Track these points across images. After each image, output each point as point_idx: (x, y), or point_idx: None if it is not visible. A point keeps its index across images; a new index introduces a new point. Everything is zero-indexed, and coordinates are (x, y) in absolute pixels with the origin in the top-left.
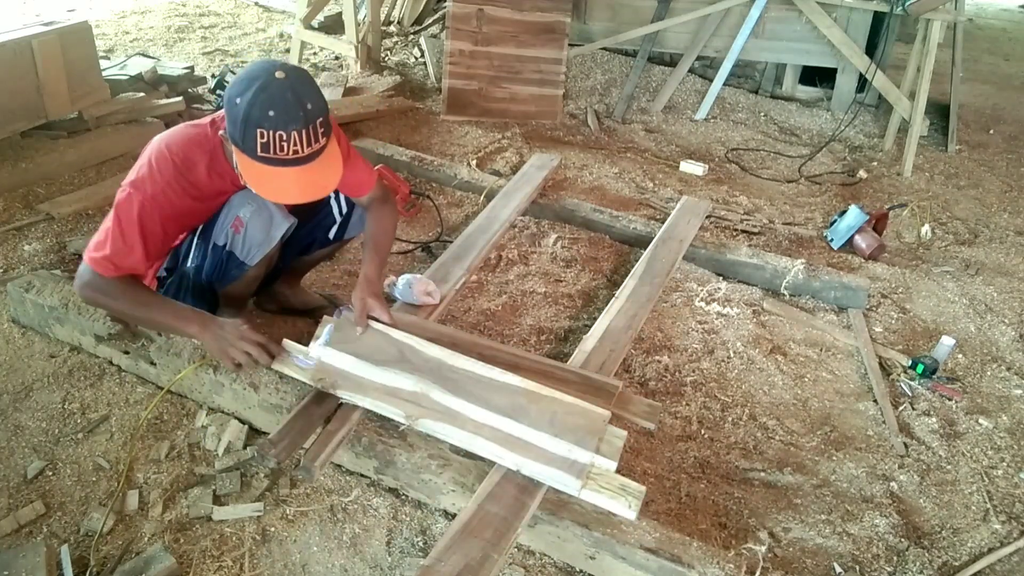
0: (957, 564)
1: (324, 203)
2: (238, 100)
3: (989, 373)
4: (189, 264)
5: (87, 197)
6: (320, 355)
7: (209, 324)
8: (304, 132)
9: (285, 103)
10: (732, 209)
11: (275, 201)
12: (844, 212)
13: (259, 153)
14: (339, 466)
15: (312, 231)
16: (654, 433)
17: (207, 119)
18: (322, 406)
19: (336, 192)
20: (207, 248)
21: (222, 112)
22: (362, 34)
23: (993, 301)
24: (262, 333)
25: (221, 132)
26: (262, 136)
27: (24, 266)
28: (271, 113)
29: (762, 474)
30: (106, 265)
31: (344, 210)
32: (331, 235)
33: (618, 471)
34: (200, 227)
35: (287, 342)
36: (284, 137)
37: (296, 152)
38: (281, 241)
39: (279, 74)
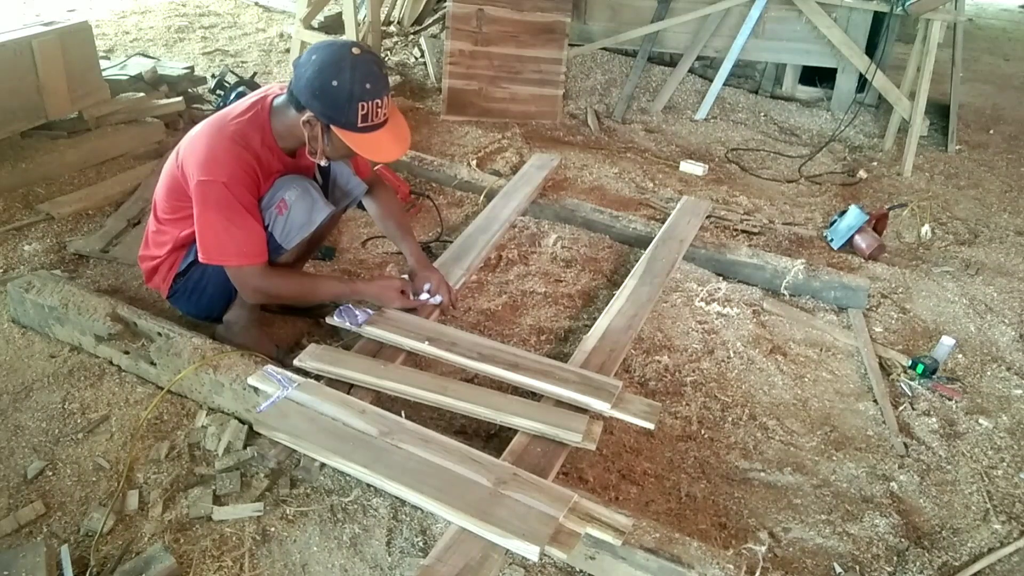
0: (957, 564)
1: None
2: (334, 83)
3: (989, 373)
4: None
5: (87, 197)
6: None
7: (370, 280)
8: (388, 96)
9: (375, 75)
10: (732, 209)
11: (381, 160)
12: (844, 212)
13: (360, 125)
14: None
15: None
16: (654, 433)
17: (237, 108)
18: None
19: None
20: None
21: (257, 97)
22: (362, 34)
23: (993, 301)
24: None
25: (280, 101)
26: (363, 108)
27: (24, 266)
28: (368, 86)
29: (762, 474)
30: (254, 258)
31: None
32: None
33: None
34: None
35: (270, 368)
36: (379, 104)
37: (384, 116)
38: (319, 227)
39: (355, 51)
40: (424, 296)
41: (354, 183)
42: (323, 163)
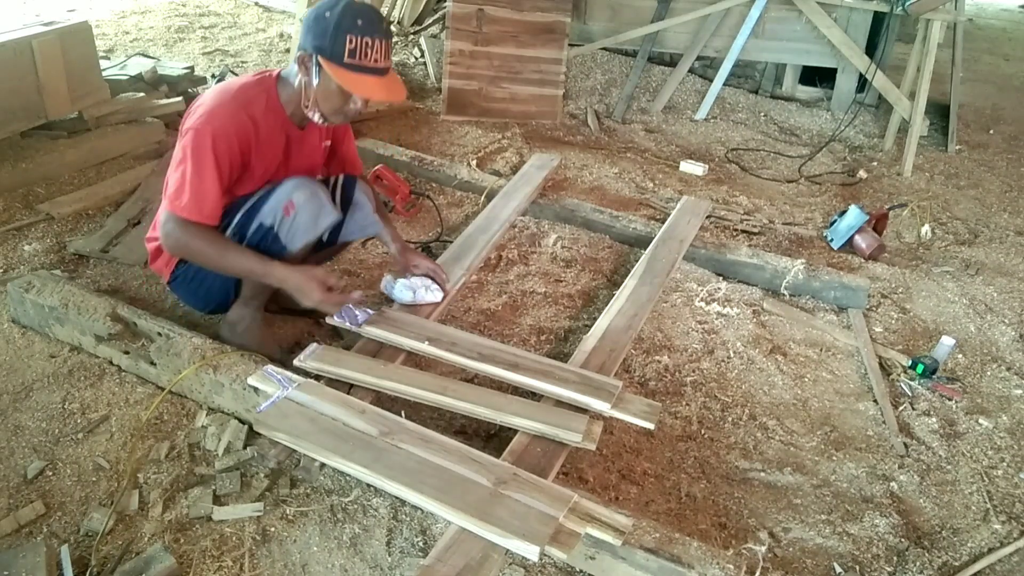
0: (957, 564)
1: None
2: (327, 14)
3: (989, 373)
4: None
5: (87, 197)
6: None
7: (292, 268)
8: (384, 43)
9: (369, 15)
10: (732, 209)
11: (363, 95)
12: (844, 212)
13: (346, 59)
14: None
15: None
16: (654, 433)
17: (244, 76)
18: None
19: (334, 195)
20: (250, 227)
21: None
22: None
23: (993, 301)
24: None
25: (288, 68)
26: (351, 42)
27: (24, 266)
28: (359, 22)
29: (762, 474)
30: (190, 210)
31: (340, 214)
32: (327, 237)
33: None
34: (243, 207)
35: (270, 368)
36: (369, 44)
37: (376, 62)
38: (323, 234)
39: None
40: (421, 294)
41: (371, 221)
42: (316, 118)
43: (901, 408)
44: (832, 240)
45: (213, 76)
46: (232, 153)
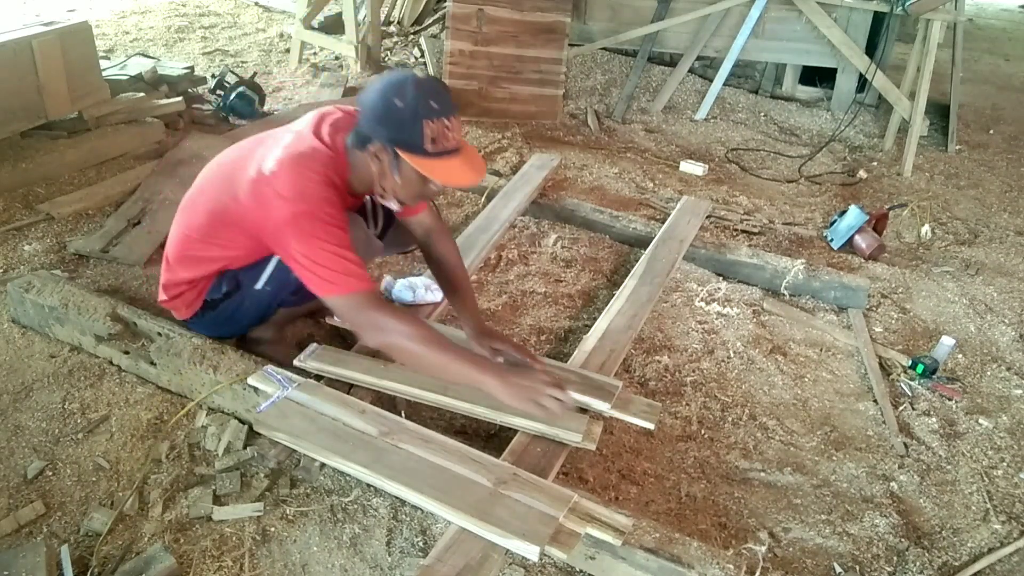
0: (957, 564)
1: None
2: (398, 102)
3: (989, 373)
4: (260, 286)
5: (87, 197)
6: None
7: (506, 375)
8: (457, 118)
9: (439, 92)
10: (732, 209)
11: (455, 184)
12: (844, 212)
13: (427, 147)
14: None
15: None
16: (654, 433)
17: (295, 135)
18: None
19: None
20: (292, 274)
21: (326, 129)
22: (362, 34)
23: (993, 301)
24: (549, 375)
25: (349, 142)
26: (429, 128)
27: (24, 266)
28: (433, 104)
29: (762, 474)
30: (357, 283)
31: (382, 243)
32: None
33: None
34: (277, 258)
35: (270, 368)
36: (447, 125)
37: (455, 140)
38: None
39: (419, 72)
40: (421, 294)
41: (408, 236)
42: (394, 206)
43: (901, 408)
44: (832, 240)
45: (213, 76)
46: (342, 215)
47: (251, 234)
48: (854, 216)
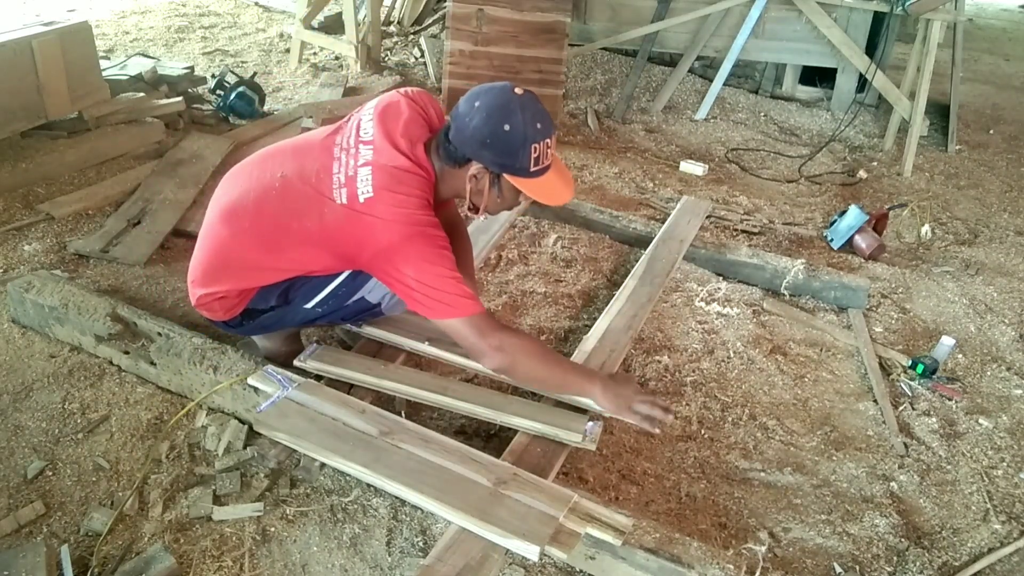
0: (957, 564)
1: None
2: (506, 127)
3: (989, 373)
4: (312, 305)
5: (87, 197)
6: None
7: (608, 384)
8: (555, 136)
9: (543, 113)
10: (732, 209)
11: (555, 203)
12: (844, 212)
13: (532, 168)
14: None
15: None
16: (654, 433)
17: (376, 149)
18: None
19: None
20: (349, 300)
21: (405, 142)
22: (362, 34)
23: (993, 301)
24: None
25: (434, 158)
26: (535, 151)
27: (24, 266)
28: (539, 126)
29: (762, 474)
30: (472, 306)
31: None
32: None
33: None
34: (338, 280)
35: (270, 368)
36: (549, 143)
37: (552, 155)
38: None
39: (518, 91)
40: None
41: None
42: (480, 218)
43: (901, 408)
44: (832, 240)
45: (213, 76)
46: (446, 237)
47: (341, 258)
48: (854, 216)
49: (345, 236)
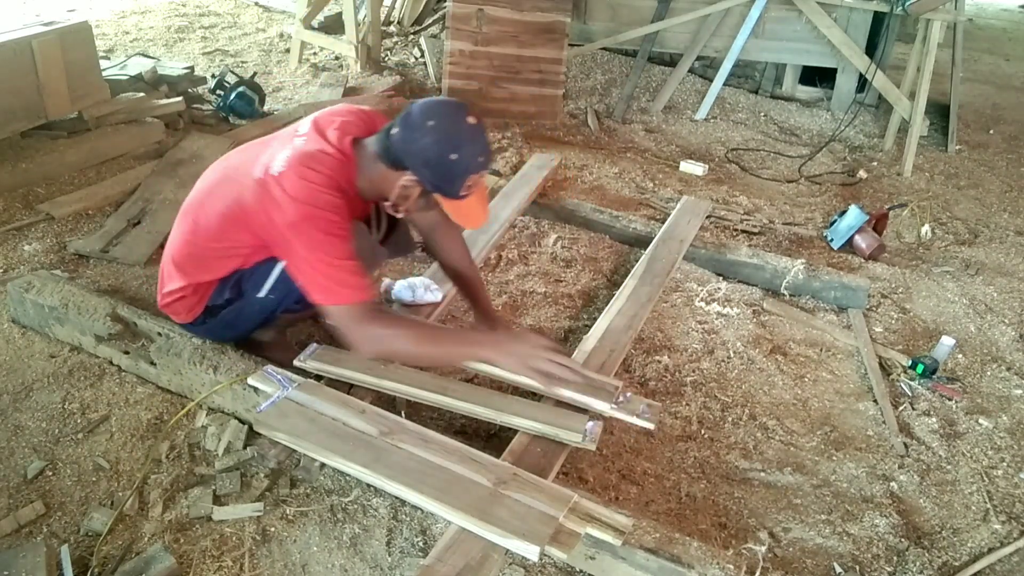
0: (957, 564)
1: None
2: (454, 156)
3: (989, 373)
4: (264, 294)
5: (87, 197)
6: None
7: (502, 342)
8: (488, 168)
9: (486, 146)
10: (732, 209)
11: (469, 226)
12: (844, 212)
13: (461, 193)
14: None
15: None
16: (654, 433)
17: (320, 145)
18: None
19: (378, 220)
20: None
21: (333, 131)
22: (362, 34)
23: (993, 301)
24: (547, 338)
25: (368, 150)
26: (470, 180)
27: (24, 266)
28: (481, 159)
29: (762, 474)
30: (353, 294)
31: (387, 250)
32: None
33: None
34: (281, 264)
35: (270, 368)
36: (483, 175)
37: (478, 183)
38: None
39: (471, 119)
40: (420, 293)
41: (411, 240)
42: (400, 214)
43: (901, 408)
44: (832, 240)
45: (213, 76)
46: (346, 223)
47: (258, 235)
48: (854, 216)
49: (258, 210)
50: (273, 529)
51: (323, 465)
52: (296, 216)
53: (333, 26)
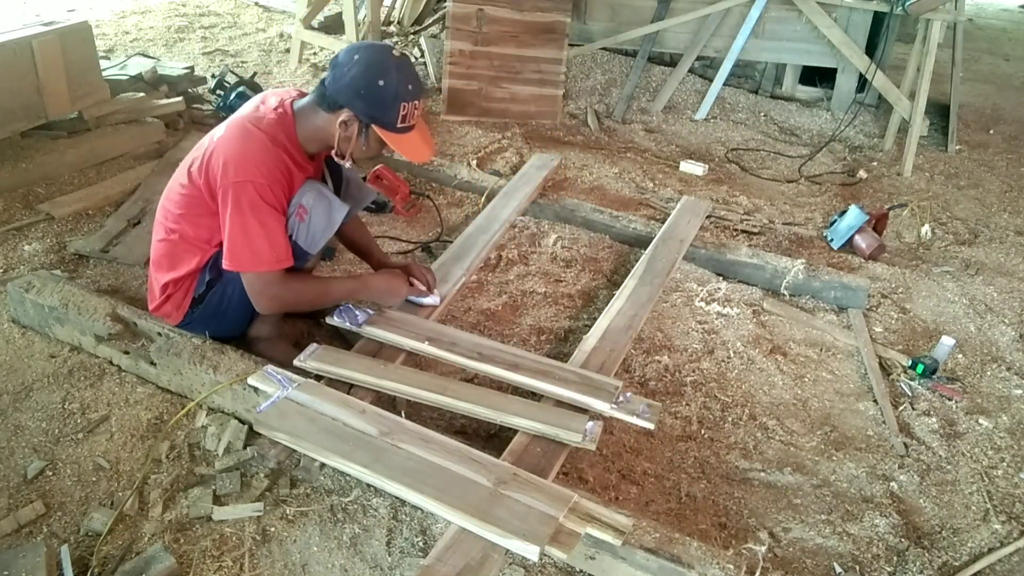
0: (957, 564)
1: None
2: (381, 82)
3: (989, 373)
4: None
5: (87, 197)
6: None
7: (368, 279)
8: (423, 100)
9: (414, 75)
10: (732, 209)
11: (415, 159)
12: (844, 212)
13: (399, 124)
14: None
15: None
16: (654, 433)
17: (259, 108)
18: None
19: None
20: None
21: (274, 101)
22: (362, 34)
23: (993, 301)
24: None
25: (304, 104)
26: (403, 108)
27: (24, 266)
28: (410, 87)
29: (762, 474)
30: (271, 262)
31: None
32: None
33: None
34: None
35: (270, 368)
36: (416, 105)
37: (417, 117)
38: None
39: (396, 53)
40: (416, 296)
41: (365, 188)
42: (347, 164)
43: (901, 408)
44: (832, 240)
45: (213, 76)
46: (281, 194)
47: (211, 209)
48: (854, 216)
49: (205, 179)
50: (273, 529)
51: (323, 465)
52: (231, 181)
53: (333, 26)
